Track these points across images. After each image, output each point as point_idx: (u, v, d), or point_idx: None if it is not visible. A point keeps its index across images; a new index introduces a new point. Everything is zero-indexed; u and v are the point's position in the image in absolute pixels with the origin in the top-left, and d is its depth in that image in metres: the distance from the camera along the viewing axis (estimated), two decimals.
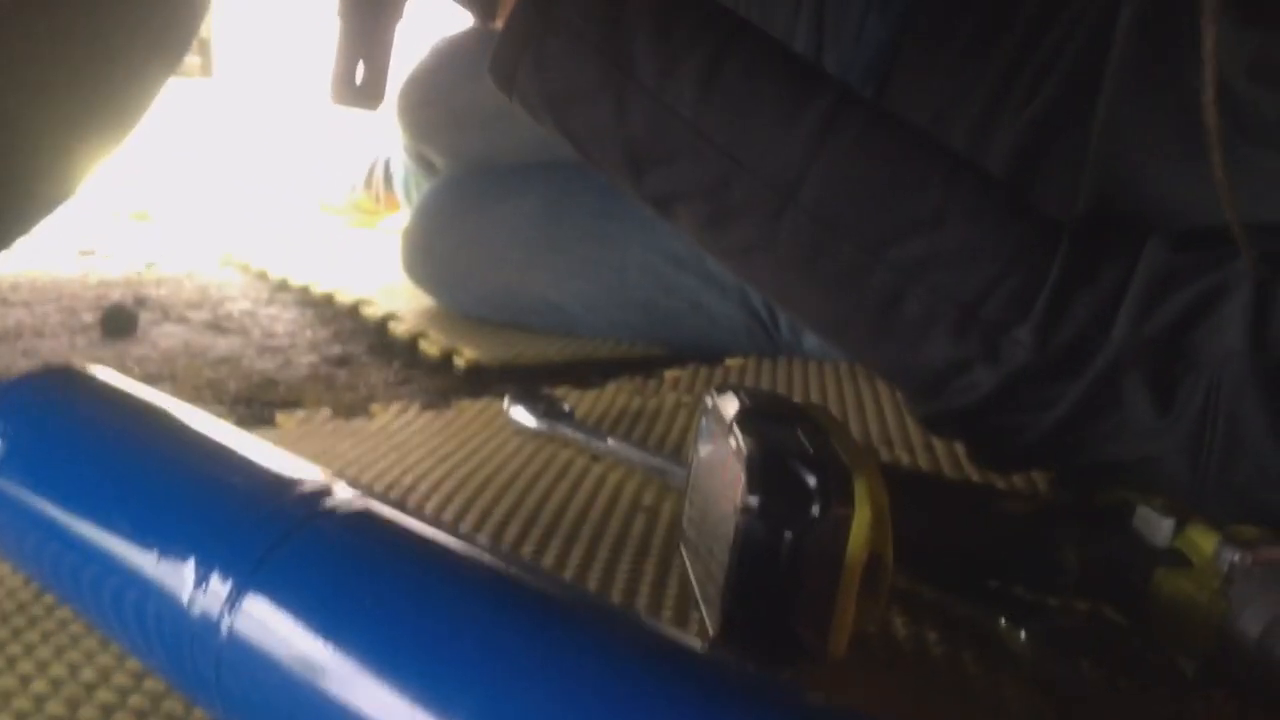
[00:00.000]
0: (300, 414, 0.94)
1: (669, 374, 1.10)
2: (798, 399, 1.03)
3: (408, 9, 0.77)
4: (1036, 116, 0.90)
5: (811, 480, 0.55)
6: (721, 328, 1.17)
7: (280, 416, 0.94)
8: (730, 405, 0.64)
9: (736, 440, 0.59)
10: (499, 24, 0.75)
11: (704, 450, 0.68)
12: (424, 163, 1.37)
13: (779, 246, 0.72)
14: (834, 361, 1.17)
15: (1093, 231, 0.71)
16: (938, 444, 0.93)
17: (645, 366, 1.14)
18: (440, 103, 1.29)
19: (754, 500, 0.54)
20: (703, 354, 1.17)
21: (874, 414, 1.01)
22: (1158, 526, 0.65)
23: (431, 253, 1.26)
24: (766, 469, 0.55)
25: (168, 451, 0.52)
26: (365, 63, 0.76)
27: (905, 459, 0.90)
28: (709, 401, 0.67)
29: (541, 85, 0.73)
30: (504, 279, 1.22)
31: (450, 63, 1.31)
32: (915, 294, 0.69)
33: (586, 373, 1.12)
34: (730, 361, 1.16)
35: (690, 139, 0.71)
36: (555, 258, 1.18)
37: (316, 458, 0.79)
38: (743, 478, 0.55)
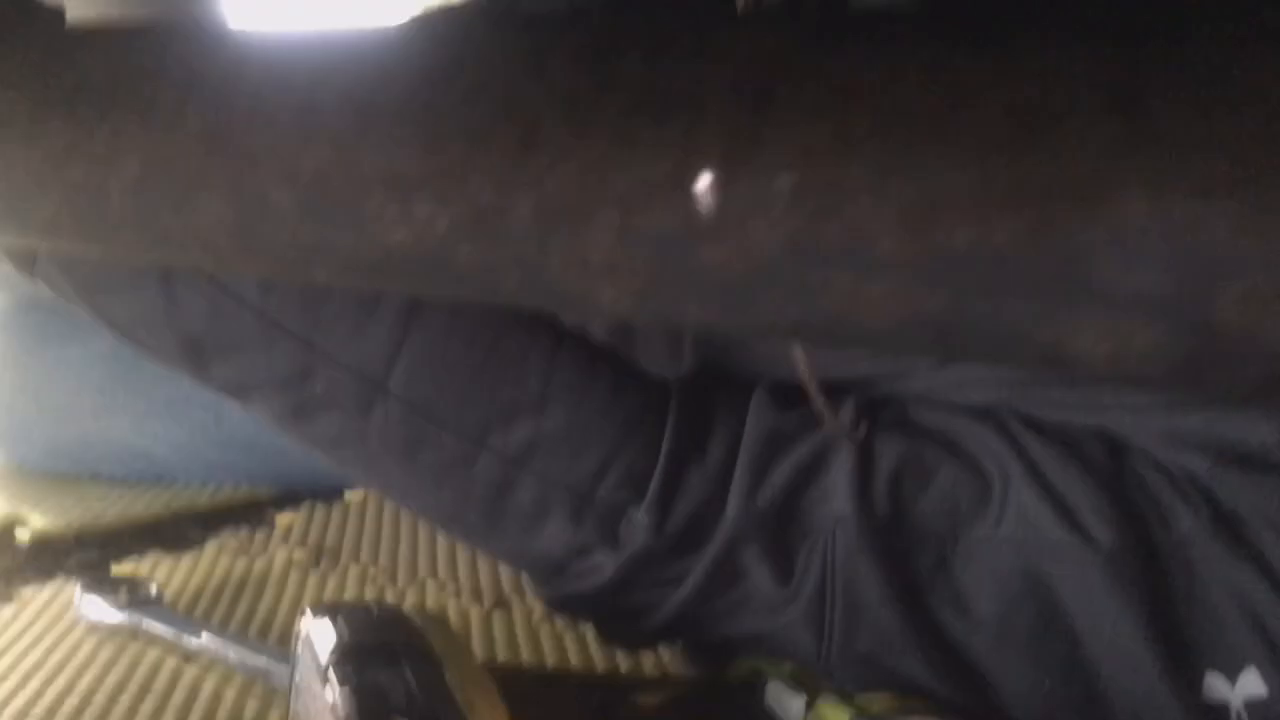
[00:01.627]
0: None
1: (280, 520, 1.00)
2: (413, 543, 0.96)
3: None
4: None
5: None
6: None
7: None
8: (326, 640, 0.56)
9: (333, 691, 0.52)
10: None
11: (301, 687, 0.60)
12: None
13: (372, 439, 0.65)
14: None
15: (699, 395, 0.69)
16: None
17: (253, 513, 1.03)
18: None
19: None
20: (317, 488, 1.07)
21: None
22: (789, 706, 0.63)
23: None
24: None
25: None
26: None
27: (530, 607, 0.84)
28: (303, 628, 0.59)
29: (70, 271, 0.62)
30: (77, 428, 1.06)
31: None
32: (525, 482, 0.65)
33: (183, 529, 0.99)
34: (349, 495, 1.07)
35: (258, 326, 0.63)
36: (134, 399, 1.04)
37: None
38: None
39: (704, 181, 0.23)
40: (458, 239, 0.26)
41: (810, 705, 0.62)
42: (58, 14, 0.35)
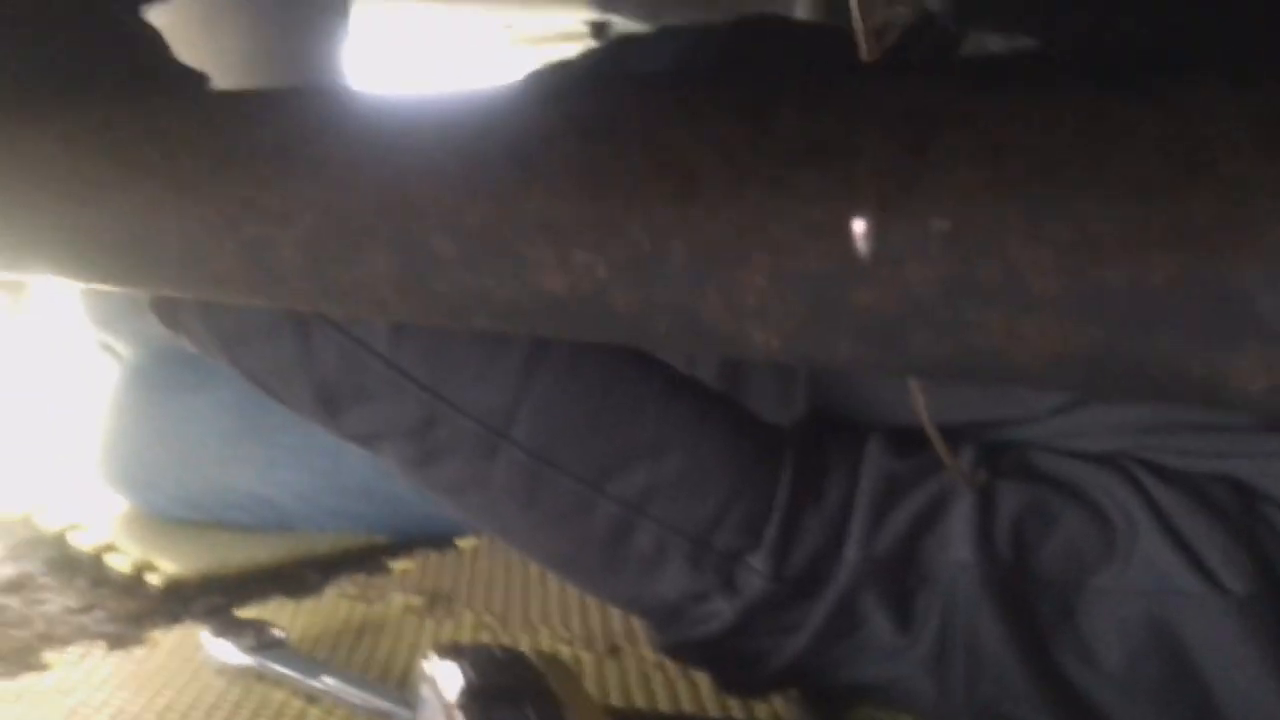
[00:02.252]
0: None
1: (396, 566, 1.02)
2: (525, 590, 0.97)
3: None
4: None
5: None
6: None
7: None
8: (452, 681, 0.57)
9: None
10: None
11: None
12: (112, 354, 1.24)
13: (495, 485, 0.66)
14: None
15: (814, 440, 0.69)
16: None
17: (372, 559, 1.05)
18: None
19: None
20: (431, 537, 1.09)
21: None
22: None
23: (122, 452, 1.13)
24: None
25: None
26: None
27: (643, 656, 0.84)
28: (428, 669, 0.61)
29: (211, 324, 0.65)
30: (204, 475, 1.10)
31: None
32: (644, 526, 0.66)
33: (304, 575, 1.02)
34: (461, 543, 1.08)
35: (388, 376, 0.65)
36: (260, 449, 1.07)
37: None
38: None
39: (860, 226, 0.24)
40: (614, 285, 0.27)
41: None
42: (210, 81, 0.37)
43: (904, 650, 0.65)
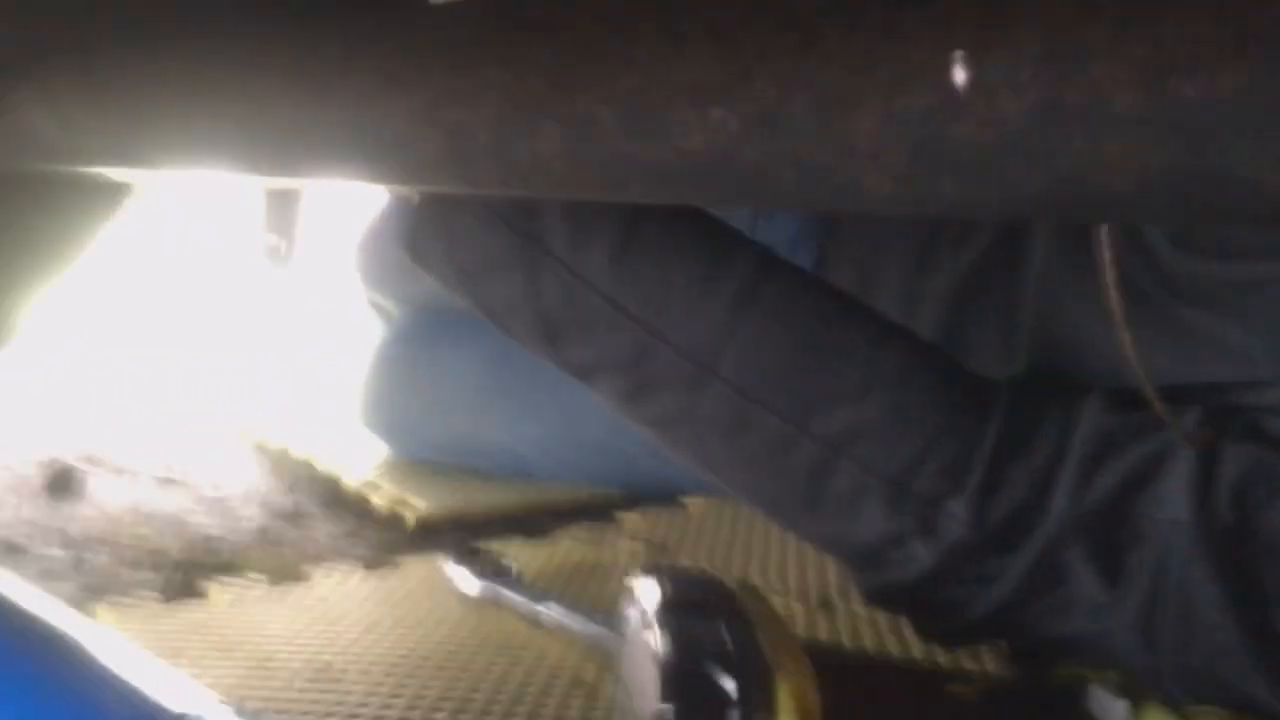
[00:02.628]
0: (234, 583, 0.91)
1: (625, 519, 1.07)
2: (746, 546, 1.00)
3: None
4: (973, 259, 0.88)
5: (730, 686, 0.51)
6: (676, 466, 1.14)
7: (213, 588, 0.90)
8: (651, 595, 0.61)
9: (654, 639, 0.56)
10: (415, 197, 0.73)
11: (629, 640, 0.65)
12: (381, 312, 1.36)
13: (701, 419, 0.69)
14: None
15: (1029, 395, 0.68)
16: None
17: (602, 511, 1.11)
18: (390, 250, 1.28)
19: (667, 709, 0.51)
20: (660, 494, 1.14)
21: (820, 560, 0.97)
22: (1111, 709, 0.61)
23: (384, 401, 1.24)
24: (682, 674, 0.52)
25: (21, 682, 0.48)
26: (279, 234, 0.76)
27: (854, 612, 0.85)
28: (631, 587, 0.64)
29: (452, 259, 0.71)
30: (457, 425, 1.19)
31: (398, 214, 1.31)
32: (843, 467, 0.67)
33: (540, 521, 1.08)
34: (688, 501, 1.12)
35: (606, 311, 0.69)
36: (507, 402, 1.15)
37: (240, 641, 0.76)
38: (657, 682, 0.52)
39: (958, 61, 0.26)
40: (744, 139, 0.30)
41: (1135, 711, 0.59)
42: None
43: (1111, 607, 0.63)
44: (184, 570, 0.96)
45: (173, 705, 0.46)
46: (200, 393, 1.77)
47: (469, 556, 0.92)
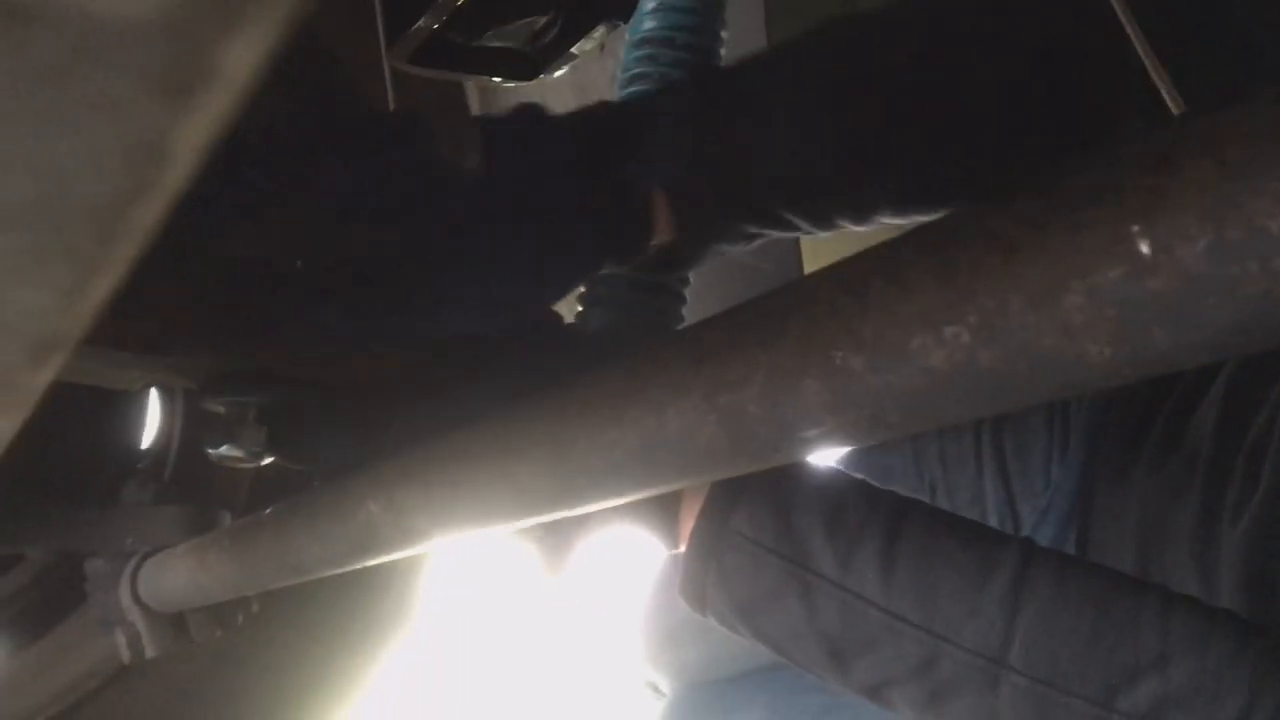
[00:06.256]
0: None
1: None
2: None
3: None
4: (1259, 513, 0.87)
5: None
6: None
7: None
8: None
9: None
10: (681, 548, 0.80)
11: None
12: (654, 692, 1.39)
13: (1004, 715, 0.69)
14: None
15: None
16: None
17: None
18: (659, 622, 1.33)
19: None
20: None
21: None
22: None
23: None
24: None
25: None
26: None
27: None
28: None
29: (729, 597, 0.76)
30: None
31: (670, 570, 1.37)
32: None
33: None
34: None
35: (886, 623, 0.72)
36: None
37: None
38: None
39: (1135, 233, 0.31)
40: (977, 345, 0.35)
41: None
42: None
43: None
44: None
45: None
46: None
47: None
